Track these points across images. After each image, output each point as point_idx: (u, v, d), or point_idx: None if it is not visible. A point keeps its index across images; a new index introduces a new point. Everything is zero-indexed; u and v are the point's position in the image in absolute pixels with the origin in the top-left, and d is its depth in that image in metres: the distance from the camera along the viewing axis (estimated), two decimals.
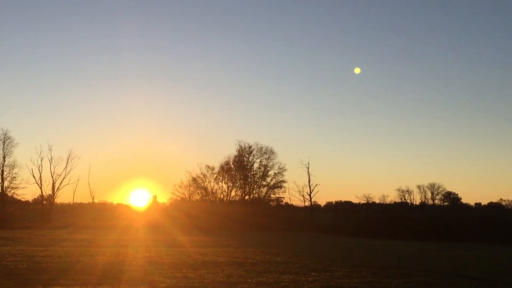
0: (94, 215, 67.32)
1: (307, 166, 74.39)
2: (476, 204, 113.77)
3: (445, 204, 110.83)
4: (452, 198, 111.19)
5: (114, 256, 20.08)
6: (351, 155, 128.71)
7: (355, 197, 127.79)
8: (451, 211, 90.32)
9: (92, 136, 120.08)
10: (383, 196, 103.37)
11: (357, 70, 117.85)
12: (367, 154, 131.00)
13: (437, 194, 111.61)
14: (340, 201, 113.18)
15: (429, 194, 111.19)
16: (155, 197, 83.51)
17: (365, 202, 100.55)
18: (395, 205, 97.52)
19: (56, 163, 70.32)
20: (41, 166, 69.32)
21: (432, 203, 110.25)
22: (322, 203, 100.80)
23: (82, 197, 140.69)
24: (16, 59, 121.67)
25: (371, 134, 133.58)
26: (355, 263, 19.82)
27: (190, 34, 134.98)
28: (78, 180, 72.23)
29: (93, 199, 75.56)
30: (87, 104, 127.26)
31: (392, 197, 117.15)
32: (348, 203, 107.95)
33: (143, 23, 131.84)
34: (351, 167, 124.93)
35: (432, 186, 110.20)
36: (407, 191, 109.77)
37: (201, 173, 75.86)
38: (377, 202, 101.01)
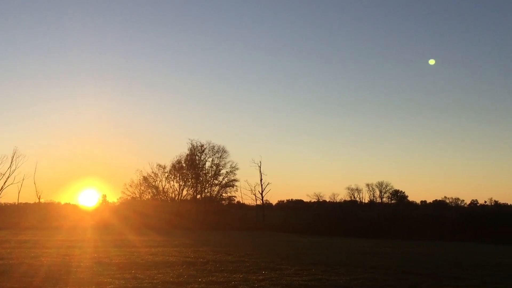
0: (40, 216, 65.17)
1: (259, 165, 74.81)
2: (421, 202, 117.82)
3: (392, 202, 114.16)
4: (399, 196, 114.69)
5: (60, 257, 19.51)
6: (303, 154, 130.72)
7: (306, 196, 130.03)
8: (398, 208, 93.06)
9: (39, 135, 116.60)
10: (334, 195, 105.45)
11: (431, 62, 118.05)
12: (318, 153, 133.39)
13: (385, 193, 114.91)
14: (292, 199, 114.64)
15: (377, 192, 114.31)
16: (104, 196, 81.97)
17: (316, 200, 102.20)
18: (345, 203, 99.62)
19: (0, 162, 67.85)
20: None
21: (380, 201, 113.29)
22: (274, 201, 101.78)
23: (28, 197, 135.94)
24: None
25: (321, 133, 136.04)
26: (305, 261, 20.04)
27: (140, 33, 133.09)
28: (23, 179, 70.00)
29: (39, 199, 73.27)
30: (34, 103, 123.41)
31: (342, 195, 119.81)
32: (300, 202, 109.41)
33: (91, 22, 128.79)
34: (302, 166, 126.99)
35: (380, 185, 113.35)
36: (357, 190, 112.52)
37: (153, 172, 75.08)
38: (328, 200, 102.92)
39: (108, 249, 24.52)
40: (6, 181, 68.17)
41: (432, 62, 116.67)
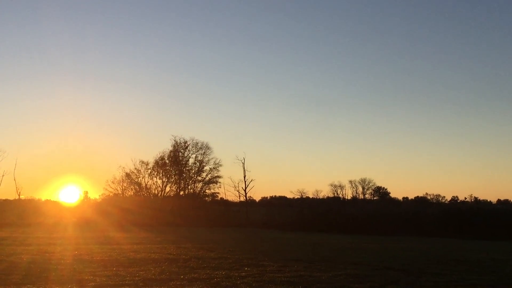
0: (20, 212, 64.26)
1: (243, 161, 74.75)
2: (403, 198, 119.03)
3: (375, 198, 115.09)
4: (381, 193, 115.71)
5: (40, 254, 19.32)
6: (286, 151, 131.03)
7: (290, 192, 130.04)
8: (380, 205, 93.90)
9: (19, 131, 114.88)
10: (317, 191, 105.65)
11: None
12: (302, 150, 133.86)
13: (368, 189, 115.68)
14: (275, 196, 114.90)
15: (360, 189, 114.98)
16: (86, 193, 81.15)
17: (299, 197, 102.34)
18: (328, 200, 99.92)
19: None
20: None
21: (363, 197, 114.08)
22: (257, 198, 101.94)
23: (7, 194, 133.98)
24: None
25: (305, 130, 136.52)
26: (288, 257, 20.12)
27: (122, 31, 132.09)
28: (3, 175, 68.95)
29: (19, 195, 72.14)
30: (13, 99, 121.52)
31: (325, 192, 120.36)
32: (283, 198, 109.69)
33: (72, 19, 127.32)
34: (286, 163, 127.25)
35: (363, 181, 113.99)
36: (340, 186, 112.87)
37: (135, 168, 74.35)
38: (311, 197, 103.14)
39: (89, 246, 24.32)
40: None
41: None
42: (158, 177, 75.00)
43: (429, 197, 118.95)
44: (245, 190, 75.22)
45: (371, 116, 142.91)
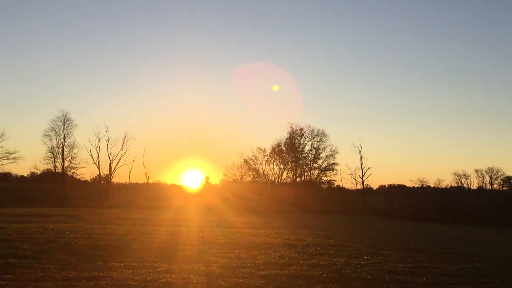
0: (149, 195, 69.33)
1: (360, 149, 73.57)
2: None
3: (504, 189, 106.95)
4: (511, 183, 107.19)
5: (168, 235, 20.60)
6: (406, 137, 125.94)
7: (409, 181, 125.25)
8: (511, 196, 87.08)
9: (147, 118, 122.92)
10: (439, 180, 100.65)
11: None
12: (423, 137, 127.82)
13: (496, 179, 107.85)
14: (393, 184, 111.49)
15: (487, 179, 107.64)
16: (207, 178, 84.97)
17: (419, 186, 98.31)
18: (451, 189, 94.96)
19: (113, 144, 72.93)
20: (98, 147, 72.14)
21: (490, 187, 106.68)
22: (375, 186, 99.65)
23: (137, 177, 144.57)
24: (76, 45, 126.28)
25: (425, 115, 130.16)
26: (409, 247, 19.50)
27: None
28: (133, 160, 74.99)
29: (148, 179, 77.69)
30: (142, 89, 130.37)
31: (448, 181, 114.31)
32: (402, 187, 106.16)
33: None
34: (405, 150, 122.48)
35: (490, 170, 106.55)
36: (464, 175, 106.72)
37: (253, 155, 76.44)
38: (432, 186, 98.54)
39: (212, 229, 25.48)
40: (118, 162, 73.16)
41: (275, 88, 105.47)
42: (275, 164, 76.49)
43: None
44: (362, 178, 74.12)
45: (500, 100, 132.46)
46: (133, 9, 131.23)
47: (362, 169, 73.76)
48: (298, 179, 76.14)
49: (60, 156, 68.47)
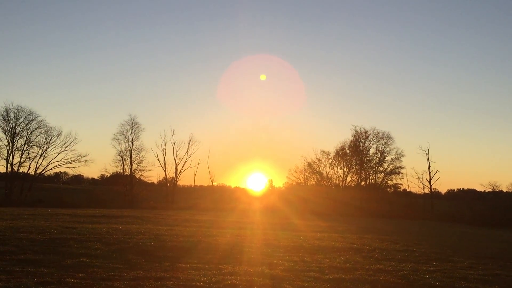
0: (214, 198, 70.36)
1: (427, 152, 71.32)
2: None
3: None
4: None
5: (233, 237, 20.82)
6: (476, 139, 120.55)
7: (480, 185, 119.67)
8: None
9: (211, 121, 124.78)
10: None
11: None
12: (495, 138, 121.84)
13: None
14: (463, 188, 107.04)
15: None
16: (271, 181, 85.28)
17: (490, 190, 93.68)
18: None
19: (179, 148, 74.35)
20: (165, 150, 73.78)
21: None
22: (443, 190, 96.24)
23: (202, 180, 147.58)
24: (143, 51, 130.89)
25: (498, 115, 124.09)
26: (480, 254, 18.70)
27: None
28: (198, 163, 76.61)
29: (212, 182, 78.80)
30: (204, 91, 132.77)
31: None
32: (472, 191, 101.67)
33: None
34: (476, 152, 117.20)
35: None
36: None
37: (316, 158, 75.92)
38: (505, 190, 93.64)
39: (276, 232, 25.54)
40: (183, 165, 74.70)
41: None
42: (339, 167, 75.63)
43: None
44: (429, 182, 71.79)
45: None
46: (198, 9, 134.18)
47: (429, 173, 71.51)
48: (362, 183, 74.91)
49: (128, 159, 70.65)
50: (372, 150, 74.85)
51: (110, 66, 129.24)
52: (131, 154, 70.64)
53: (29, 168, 64.69)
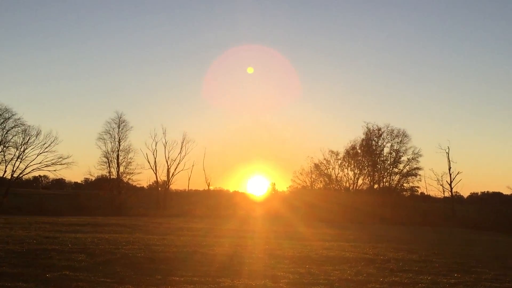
0: (210, 204, 70.29)
1: (447, 151, 71.27)
2: None
3: None
4: None
5: (232, 247, 20.85)
6: (501, 137, 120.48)
7: (506, 188, 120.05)
8: None
9: (206, 118, 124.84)
10: None
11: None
12: None
13: None
14: (487, 192, 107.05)
15: None
16: (273, 184, 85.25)
17: None
18: None
19: (171, 148, 74.33)
20: (155, 151, 73.79)
21: None
22: (465, 194, 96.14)
23: (197, 184, 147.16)
24: (131, 46, 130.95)
25: None
26: (508, 264, 18.72)
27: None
28: (193, 165, 75.98)
29: (208, 186, 78.66)
30: (200, 86, 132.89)
31: None
32: (498, 195, 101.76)
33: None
34: (500, 152, 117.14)
35: None
36: None
37: (324, 158, 75.90)
38: None
39: (279, 240, 25.57)
40: (176, 167, 74.52)
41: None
42: (349, 169, 75.58)
43: None
44: (450, 184, 71.75)
45: None
46: (192, 6, 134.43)
47: (450, 174, 71.48)
48: (375, 186, 74.92)
49: (115, 161, 70.59)
50: (386, 150, 74.94)
51: (94, 59, 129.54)
52: (118, 156, 70.67)
53: (5, 171, 65.01)
